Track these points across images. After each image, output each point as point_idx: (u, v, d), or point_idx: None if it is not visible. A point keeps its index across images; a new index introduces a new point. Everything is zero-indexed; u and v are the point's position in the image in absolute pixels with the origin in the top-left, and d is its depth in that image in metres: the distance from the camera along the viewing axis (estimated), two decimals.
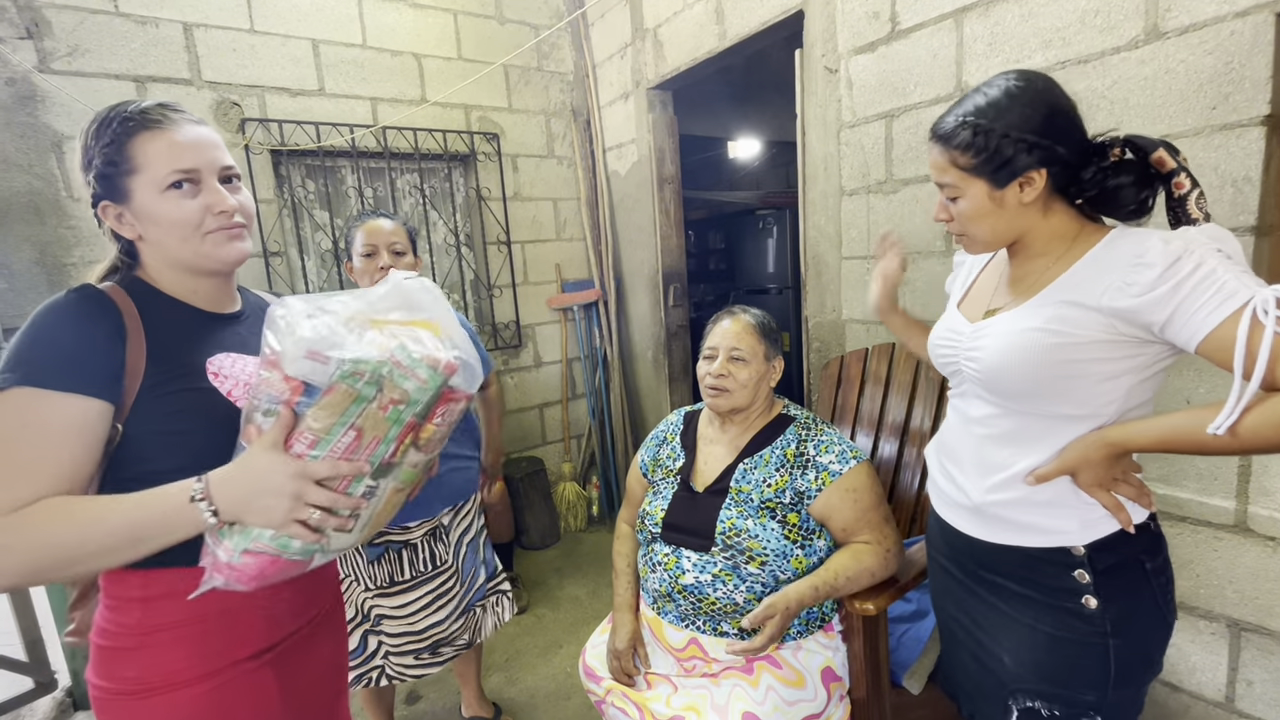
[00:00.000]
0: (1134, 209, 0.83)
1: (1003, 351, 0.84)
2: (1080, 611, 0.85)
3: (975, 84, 1.56)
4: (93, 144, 0.76)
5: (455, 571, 1.58)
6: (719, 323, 1.32)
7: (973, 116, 0.83)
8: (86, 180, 0.78)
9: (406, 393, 0.68)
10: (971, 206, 0.86)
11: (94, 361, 0.71)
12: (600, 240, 3.16)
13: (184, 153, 0.76)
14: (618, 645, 1.29)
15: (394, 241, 1.52)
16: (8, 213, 1.95)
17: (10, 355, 0.69)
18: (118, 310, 0.74)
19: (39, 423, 0.68)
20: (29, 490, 0.67)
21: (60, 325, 0.71)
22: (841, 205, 1.97)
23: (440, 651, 1.60)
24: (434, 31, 2.71)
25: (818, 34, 1.95)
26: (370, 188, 2.70)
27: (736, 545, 1.17)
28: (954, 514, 0.98)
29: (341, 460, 0.68)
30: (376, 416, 0.68)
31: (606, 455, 3.30)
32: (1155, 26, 1.29)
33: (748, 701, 1.12)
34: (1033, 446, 0.86)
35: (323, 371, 0.65)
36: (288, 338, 0.66)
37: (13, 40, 1.93)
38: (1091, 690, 0.86)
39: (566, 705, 1.95)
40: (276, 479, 0.67)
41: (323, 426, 0.67)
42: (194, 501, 0.67)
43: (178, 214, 0.76)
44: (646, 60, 2.72)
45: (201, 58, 2.22)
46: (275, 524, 0.68)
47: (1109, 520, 0.84)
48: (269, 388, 0.68)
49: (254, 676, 0.81)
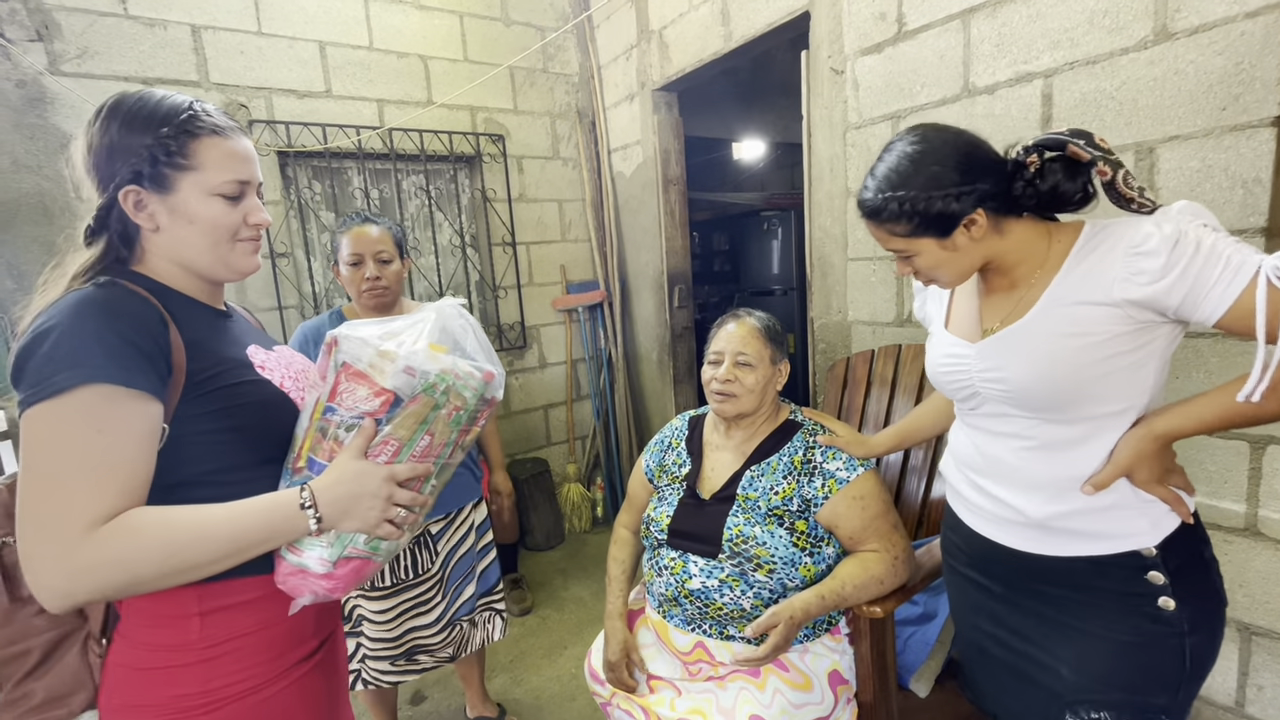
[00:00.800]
0: (1080, 198, 0.83)
1: (1031, 365, 0.84)
2: (1158, 615, 0.83)
3: (982, 85, 1.58)
4: (136, 127, 0.72)
5: (439, 581, 1.56)
6: (724, 326, 1.30)
7: (888, 190, 0.84)
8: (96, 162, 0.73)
9: (465, 400, 0.77)
10: (927, 261, 0.88)
11: (155, 358, 0.68)
12: (605, 241, 3.17)
13: (241, 165, 0.77)
14: (610, 657, 1.28)
15: (380, 250, 1.50)
16: (17, 214, 1.96)
17: (60, 351, 0.63)
18: (154, 304, 0.71)
19: (117, 423, 0.64)
20: (119, 501, 0.64)
21: (115, 319, 0.66)
22: (847, 206, 1.97)
23: (417, 660, 1.58)
24: (440, 33, 2.71)
25: (824, 35, 1.95)
26: (376, 189, 2.71)
27: (744, 553, 1.17)
28: (1005, 532, 0.94)
29: (418, 462, 0.76)
30: (444, 422, 0.76)
31: (611, 457, 3.30)
32: (1164, 27, 1.28)
33: (754, 705, 1.11)
34: (1082, 451, 0.85)
35: (410, 384, 0.73)
36: (381, 356, 0.73)
37: (23, 42, 1.94)
38: (1164, 693, 0.84)
39: (571, 706, 1.95)
40: (371, 483, 0.72)
41: (406, 434, 0.75)
42: (303, 509, 0.70)
43: (221, 219, 0.76)
44: (652, 62, 2.72)
45: (209, 60, 2.24)
46: (370, 526, 0.73)
47: (1172, 516, 0.83)
48: (354, 402, 0.74)
49: (308, 678, 0.82)
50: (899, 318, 1.88)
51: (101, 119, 0.72)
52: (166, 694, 0.72)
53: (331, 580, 0.73)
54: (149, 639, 0.73)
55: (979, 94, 1.59)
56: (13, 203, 1.95)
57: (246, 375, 0.78)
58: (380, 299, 1.52)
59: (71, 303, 0.66)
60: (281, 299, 2.44)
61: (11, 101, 1.94)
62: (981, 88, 1.59)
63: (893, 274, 1.87)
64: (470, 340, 0.82)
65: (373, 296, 1.51)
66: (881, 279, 1.91)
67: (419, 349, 0.75)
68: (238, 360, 0.78)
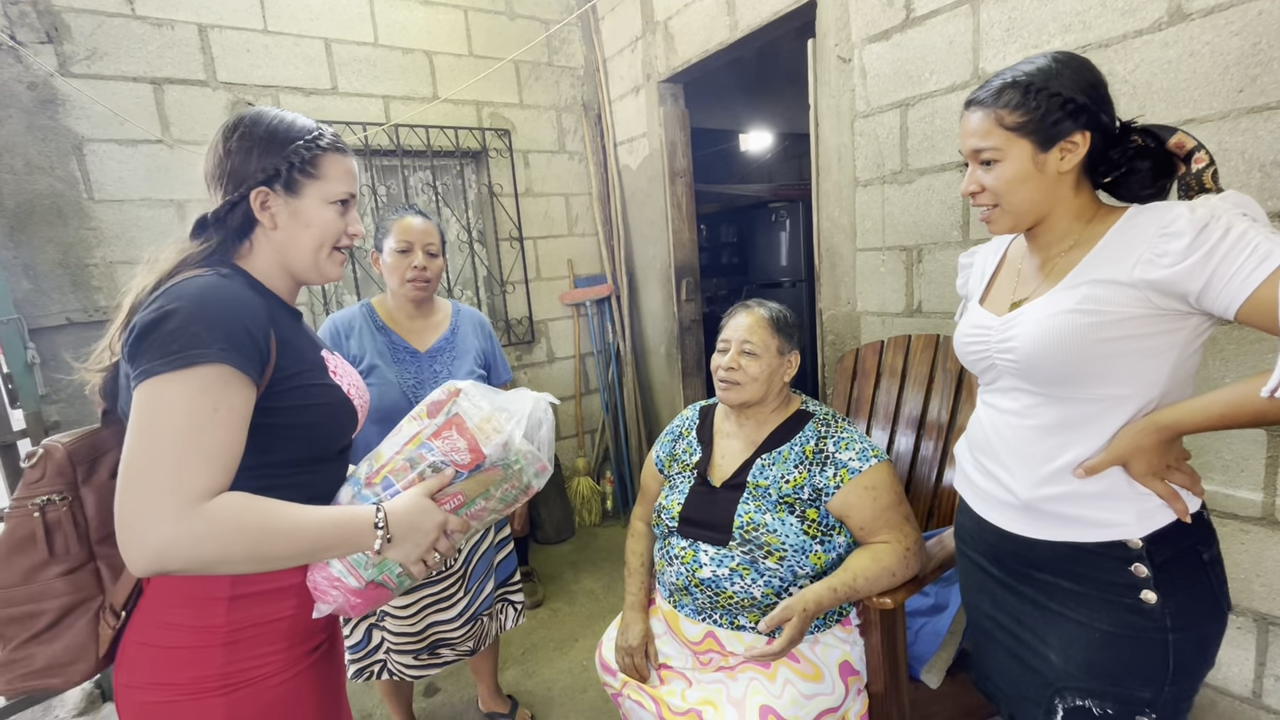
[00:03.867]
0: (1151, 193, 0.83)
1: (1038, 337, 0.83)
2: (1139, 607, 0.82)
3: (993, 71, 1.55)
4: (278, 139, 0.80)
5: (461, 578, 1.57)
6: (734, 316, 1.32)
7: (1022, 77, 0.83)
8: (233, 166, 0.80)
9: (523, 481, 0.87)
10: (1013, 170, 0.83)
11: (263, 352, 0.73)
12: (612, 235, 3.16)
13: (352, 180, 0.87)
14: (630, 642, 1.29)
15: (429, 242, 1.52)
16: (31, 215, 1.98)
17: (189, 329, 0.68)
18: (263, 301, 0.77)
19: (230, 404, 0.69)
20: (220, 479, 0.68)
21: (238, 307, 0.72)
22: (856, 196, 1.95)
23: (440, 654, 1.60)
24: (445, 28, 2.71)
25: (831, 23, 1.93)
26: (384, 185, 2.71)
27: (755, 540, 1.17)
28: (997, 512, 0.94)
29: (471, 519, 0.84)
30: (500, 495, 0.86)
31: (620, 450, 3.31)
32: (1179, 8, 1.26)
33: (765, 695, 1.11)
34: (1080, 434, 0.84)
35: (500, 457, 0.83)
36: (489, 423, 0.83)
37: (34, 45, 1.96)
38: (1147, 687, 0.83)
39: (583, 698, 1.96)
40: (430, 522, 0.79)
41: (473, 494, 0.83)
42: (376, 529, 0.75)
43: (331, 225, 0.85)
44: (657, 53, 2.70)
45: (216, 59, 2.25)
46: (411, 559, 0.79)
47: (1165, 510, 0.82)
48: (451, 450, 0.82)
49: (317, 667, 0.84)
50: (908, 308, 1.87)
51: (243, 129, 0.81)
52: (186, 674, 0.74)
53: (358, 597, 0.78)
54: (173, 619, 0.74)
55: None
56: (27, 204, 1.98)
57: (322, 378, 0.84)
58: (423, 291, 1.53)
59: (198, 287, 0.72)
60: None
61: (24, 104, 1.96)
62: (992, 73, 1.55)
63: (901, 264, 1.86)
64: (543, 432, 0.90)
65: (416, 287, 1.52)
66: (891, 269, 1.89)
67: (518, 431, 0.84)
68: (316, 362, 0.85)
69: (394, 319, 1.57)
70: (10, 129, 1.94)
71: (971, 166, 0.89)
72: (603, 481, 3.29)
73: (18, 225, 1.97)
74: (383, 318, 1.56)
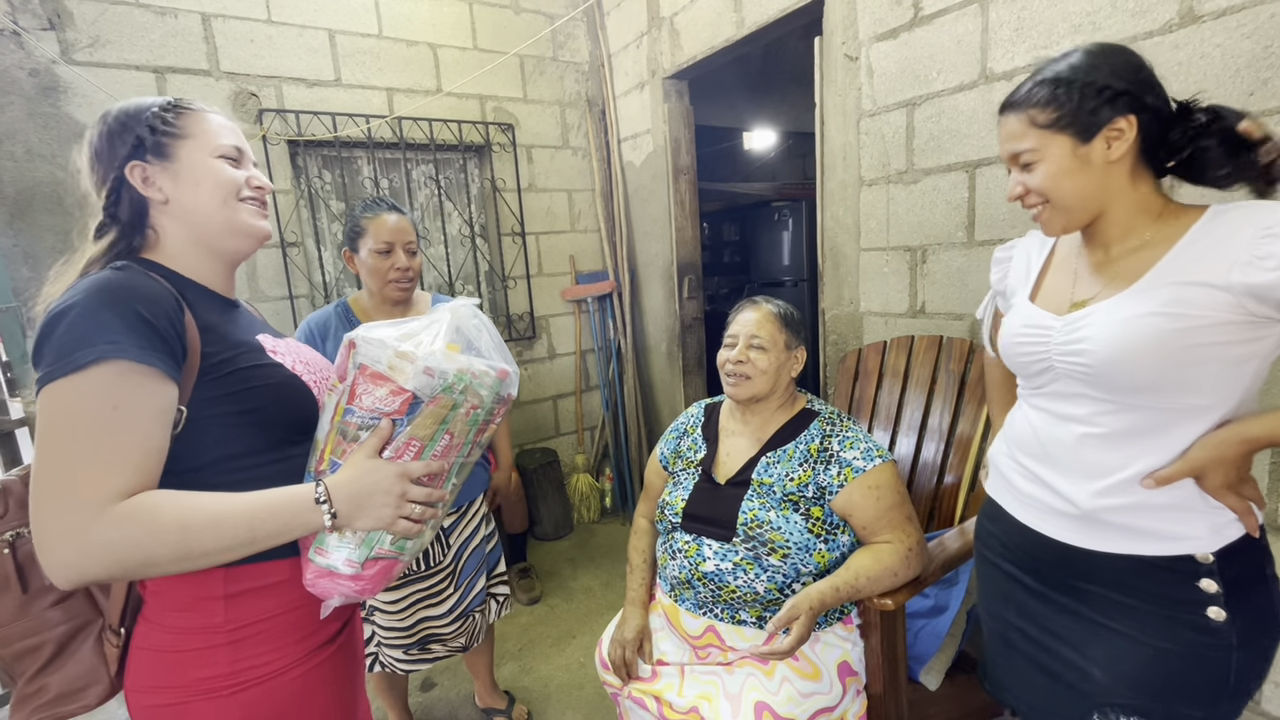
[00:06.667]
0: (1229, 171, 0.76)
1: (1116, 341, 0.77)
2: (1204, 624, 0.78)
3: (1001, 71, 1.54)
4: (129, 113, 0.77)
5: (451, 574, 1.56)
6: (741, 312, 1.32)
7: (1050, 74, 0.80)
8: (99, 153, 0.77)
9: (482, 398, 0.78)
10: (1054, 166, 0.80)
11: (171, 339, 0.68)
12: (615, 232, 3.15)
13: (231, 134, 0.82)
14: (625, 635, 1.29)
15: (409, 240, 1.47)
16: (31, 202, 1.97)
17: (77, 330, 0.64)
18: (170, 289, 0.72)
19: (132, 401, 0.64)
20: (132, 478, 0.64)
21: (131, 299, 0.67)
22: (860, 196, 1.94)
23: (430, 649, 1.59)
24: (449, 21, 2.70)
25: (838, 20, 1.92)
26: (386, 179, 2.70)
27: (758, 537, 1.17)
28: (1047, 521, 0.90)
29: (442, 459, 0.77)
30: (463, 421, 0.77)
31: (620, 447, 3.30)
32: (1190, 9, 1.25)
33: (761, 691, 1.11)
34: (1151, 444, 0.79)
35: (429, 385, 0.74)
36: (399, 357, 0.74)
37: (36, 31, 1.95)
38: (1199, 706, 0.80)
39: (579, 695, 1.96)
40: (384, 480, 0.73)
41: (427, 434, 0.76)
42: (318, 504, 0.71)
43: (225, 176, 0.79)
44: (663, 49, 2.69)
45: (220, 49, 2.23)
46: (385, 523, 0.74)
47: (1237, 525, 0.78)
48: (374, 403, 0.74)
49: (331, 661, 0.83)
50: (912, 309, 1.86)
51: (96, 124, 0.78)
52: (194, 675, 0.73)
53: (360, 581, 0.75)
54: (174, 622, 0.73)
55: (997, 80, 1.56)
56: (27, 191, 1.97)
57: (260, 359, 0.79)
58: (406, 291, 1.49)
59: (88, 284, 0.67)
60: (293, 288, 2.45)
61: (25, 90, 1.95)
62: (1000, 73, 1.56)
63: (905, 265, 1.85)
64: (484, 339, 0.83)
65: (399, 288, 1.47)
66: (894, 269, 1.89)
67: (437, 349, 0.75)
68: (250, 345, 0.79)
69: (373, 318, 1.49)
70: (11, 116, 1.93)
71: (1013, 171, 0.86)
72: (602, 479, 3.29)
73: (18, 212, 1.96)
74: (360, 318, 1.50)
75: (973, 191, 1.65)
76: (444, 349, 0.76)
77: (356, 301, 1.55)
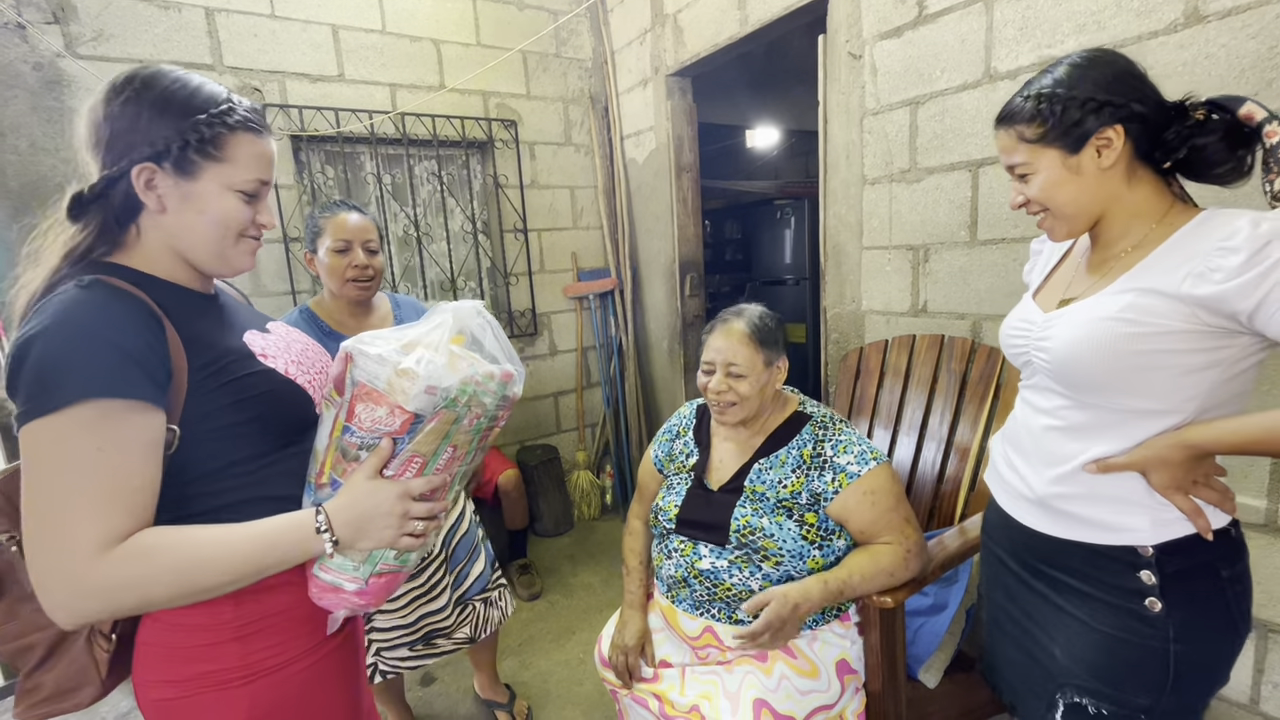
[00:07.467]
0: (1231, 167, 0.77)
1: (1073, 342, 0.81)
2: (1142, 614, 0.81)
3: (1005, 70, 1.54)
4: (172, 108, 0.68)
5: (444, 561, 1.56)
6: (713, 335, 1.26)
7: (1034, 89, 0.82)
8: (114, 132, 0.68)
9: (485, 406, 0.75)
10: (1046, 178, 0.82)
11: (151, 364, 0.65)
12: (617, 229, 3.15)
13: (267, 165, 0.76)
14: (627, 641, 1.28)
15: (368, 239, 1.45)
16: (35, 195, 1.98)
17: (49, 363, 0.60)
18: (147, 304, 0.67)
19: (118, 439, 0.62)
20: (124, 522, 0.62)
21: (104, 326, 0.62)
22: (863, 194, 1.94)
23: (435, 643, 1.59)
24: (453, 17, 2.70)
25: (842, 19, 1.91)
26: (389, 174, 2.70)
27: (751, 544, 1.16)
28: (1016, 505, 0.95)
29: (437, 475, 0.75)
30: (466, 432, 0.75)
31: (620, 444, 3.31)
32: (1195, 10, 1.24)
33: (760, 689, 1.11)
34: (1102, 440, 0.82)
35: (431, 403, 0.71)
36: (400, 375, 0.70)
37: (40, 24, 1.95)
38: (1145, 694, 0.82)
39: (579, 691, 1.96)
40: (385, 502, 0.72)
41: (430, 449, 0.74)
42: (319, 533, 0.70)
43: (233, 214, 0.73)
44: (666, 46, 2.69)
45: (223, 43, 2.23)
46: (387, 543, 0.73)
47: (1184, 523, 0.79)
48: (373, 422, 0.71)
49: (337, 653, 0.84)
50: (913, 307, 1.86)
51: (131, 91, 0.68)
52: (204, 669, 0.73)
53: (365, 595, 0.76)
54: (182, 619, 0.73)
55: (1001, 79, 1.56)
56: (31, 185, 1.97)
57: (252, 366, 0.76)
58: (365, 290, 1.47)
59: (57, 309, 0.62)
60: (295, 283, 2.45)
61: (29, 84, 1.95)
62: (1004, 73, 1.55)
63: (908, 264, 1.85)
64: (489, 339, 0.81)
65: (358, 287, 1.45)
66: (896, 268, 1.89)
67: (439, 364, 0.71)
68: (240, 351, 0.76)
69: (338, 321, 1.48)
70: (15, 109, 1.94)
71: (1014, 181, 0.88)
72: (602, 475, 3.29)
73: (22, 206, 1.96)
74: (326, 321, 1.48)
75: (975, 191, 1.65)
76: (446, 361, 0.73)
77: (319, 304, 1.52)
